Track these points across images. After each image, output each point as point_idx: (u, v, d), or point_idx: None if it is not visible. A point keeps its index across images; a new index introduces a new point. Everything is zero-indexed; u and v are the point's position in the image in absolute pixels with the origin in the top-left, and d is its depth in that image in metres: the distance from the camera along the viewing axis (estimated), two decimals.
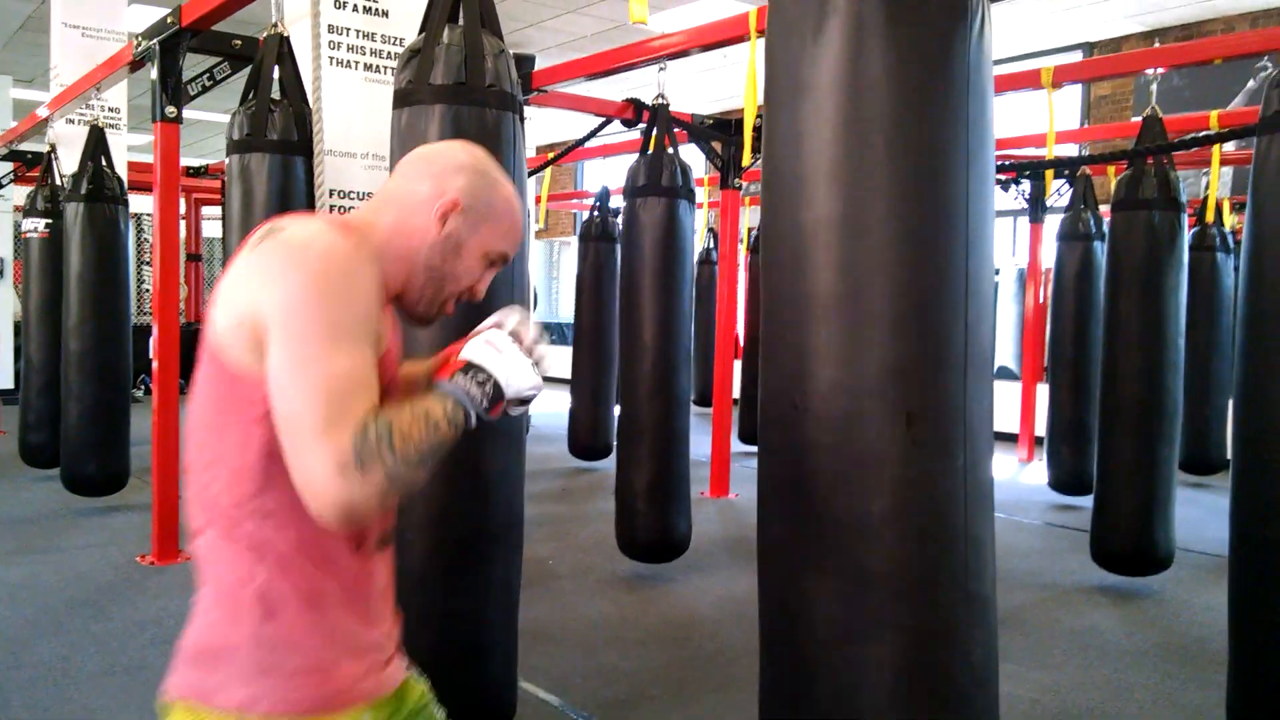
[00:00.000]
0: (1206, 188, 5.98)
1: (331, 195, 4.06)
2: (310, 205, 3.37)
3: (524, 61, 7.66)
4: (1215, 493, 6.51)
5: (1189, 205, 6.40)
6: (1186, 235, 4.31)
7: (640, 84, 6.04)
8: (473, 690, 2.38)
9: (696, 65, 9.85)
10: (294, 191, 3.47)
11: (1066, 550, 5.19)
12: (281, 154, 3.47)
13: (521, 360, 1.23)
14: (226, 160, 3.60)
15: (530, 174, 6.50)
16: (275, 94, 3.65)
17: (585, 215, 8.68)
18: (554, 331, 15.43)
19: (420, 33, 2.51)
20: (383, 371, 1.20)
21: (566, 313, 13.66)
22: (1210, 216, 6.31)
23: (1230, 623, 2.58)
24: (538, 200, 8.26)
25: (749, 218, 9.63)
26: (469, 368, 1.21)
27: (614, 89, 6.82)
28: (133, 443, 5.69)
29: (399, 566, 2.44)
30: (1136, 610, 4.29)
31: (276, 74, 3.63)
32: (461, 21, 2.47)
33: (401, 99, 2.47)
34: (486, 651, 2.42)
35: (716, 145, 6.28)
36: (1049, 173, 6.66)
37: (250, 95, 3.61)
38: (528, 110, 8.58)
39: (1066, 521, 5.89)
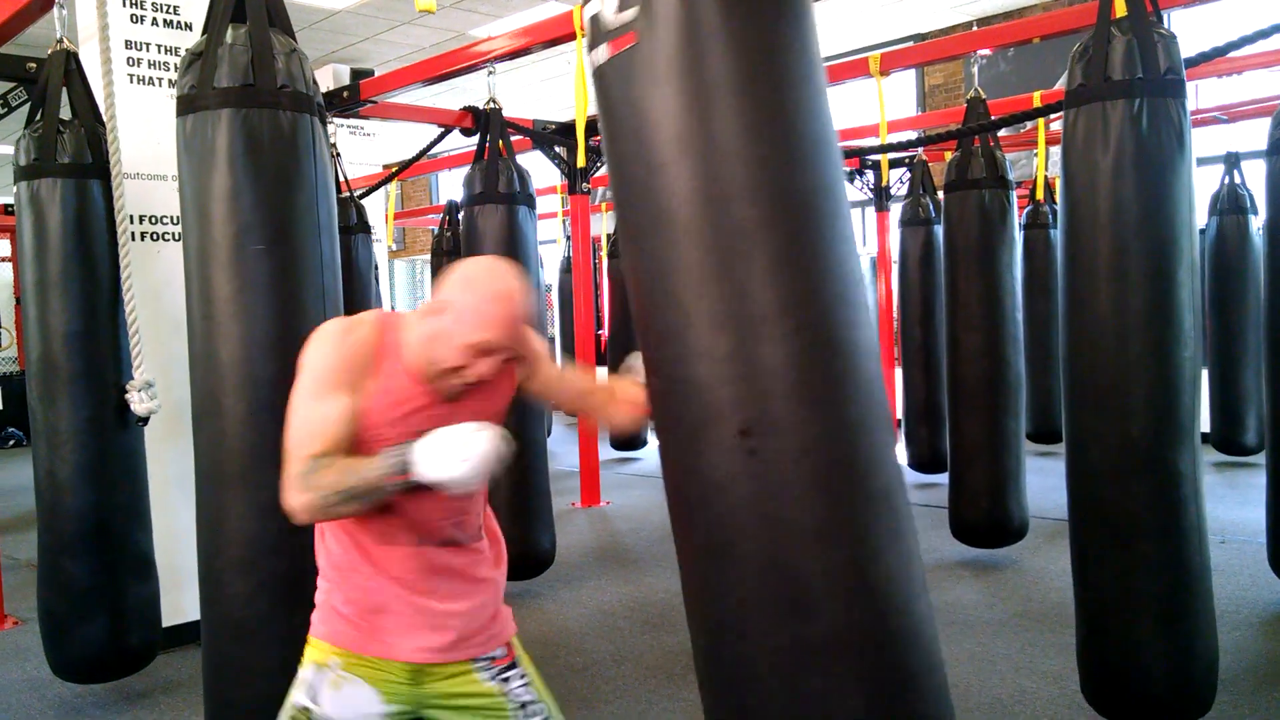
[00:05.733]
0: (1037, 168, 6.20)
1: (139, 221, 3.80)
2: (111, 231, 3.11)
3: (361, 75, 7.43)
4: (1062, 460, 6.76)
5: (1023, 185, 6.65)
6: (1017, 212, 4.43)
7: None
8: None
9: (540, 73, 9.76)
10: (91, 218, 3.19)
11: (928, 528, 5.28)
12: (75, 178, 3.19)
13: (443, 457, 1.47)
14: (14, 189, 3.30)
15: (371, 190, 6.27)
16: (67, 115, 3.36)
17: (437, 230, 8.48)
18: None
19: (202, 34, 2.33)
20: (372, 413, 1.62)
21: None
22: (1041, 195, 6.54)
23: (1075, 583, 2.63)
24: (386, 218, 8.03)
25: (606, 223, 9.58)
26: (403, 445, 1.51)
27: (460, 100, 6.67)
28: None
29: (213, 615, 2.29)
30: (997, 581, 4.38)
31: (66, 94, 3.34)
32: (247, 19, 2.30)
33: (185, 105, 2.28)
34: None
35: (562, 151, 6.20)
36: (884, 160, 6.81)
37: (37, 117, 3.32)
38: (372, 125, 8.37)
39: (928, 500, 6.00)
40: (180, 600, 3.67)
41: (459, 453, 1.47)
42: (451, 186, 13.11)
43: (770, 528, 1.28)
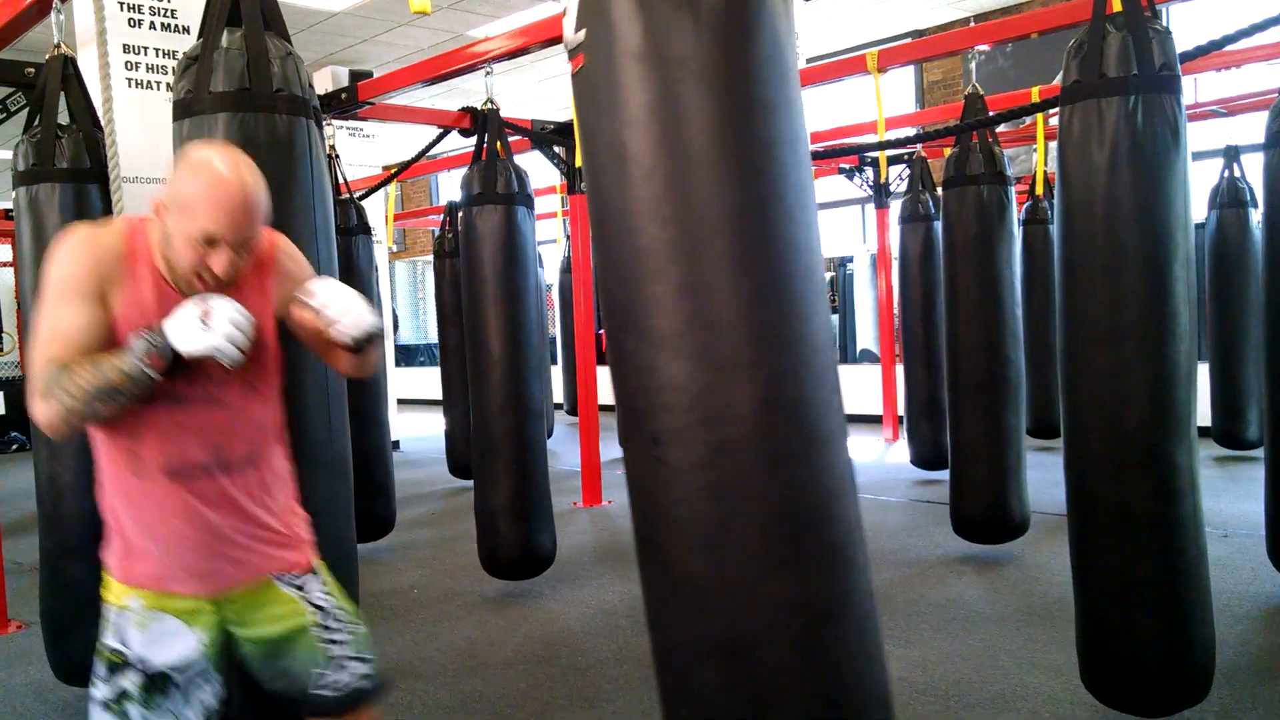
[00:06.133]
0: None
1: None
2: None
3: (359, 77, 7.44)
4: (1062, 455, 6.76)
5: (1022, 181, 6.65)
6: (1015, 207, 4.42)
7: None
8: None
9: (538, 73, 9.77)
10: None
11: (930, 524, 5.28)
12: (74, 183, 3.20)
13: (194, 326, 1.50)
14: (13, 194, 3.31)
15: (371, 192, 6.28)
16: (66, 119, 3.37)
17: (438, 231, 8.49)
18: (423, 354, 15.09)
19: (198, 38, 2.34)
20: (123, 323, 1.58)
21: (435, 334, 13.34)
22: (1040, 190, 6.54)
23: (1073, 574, 2.64)
24: (386, 219, 8.05)
25: None
26: (152, 327, 1.53)
27: (458, 101, 6.67)
28: None
29: None
30: (998, 577, 4.38)
31: (64, 99, 3.35)
32: (242, 24, 2.30)
33: (181, 110, 2.29)
34: None
35: (561, 151, 6.21)
36: (883, 157, 6.81)
37: (35, 122, 3.33)
38: (371, 127, 8.36)
39: (929, 496, 6.01)
40: None
41: (203, 318, 1.50)
42: (452, 187, 13.12)
43: (675, 534, 1.35)
